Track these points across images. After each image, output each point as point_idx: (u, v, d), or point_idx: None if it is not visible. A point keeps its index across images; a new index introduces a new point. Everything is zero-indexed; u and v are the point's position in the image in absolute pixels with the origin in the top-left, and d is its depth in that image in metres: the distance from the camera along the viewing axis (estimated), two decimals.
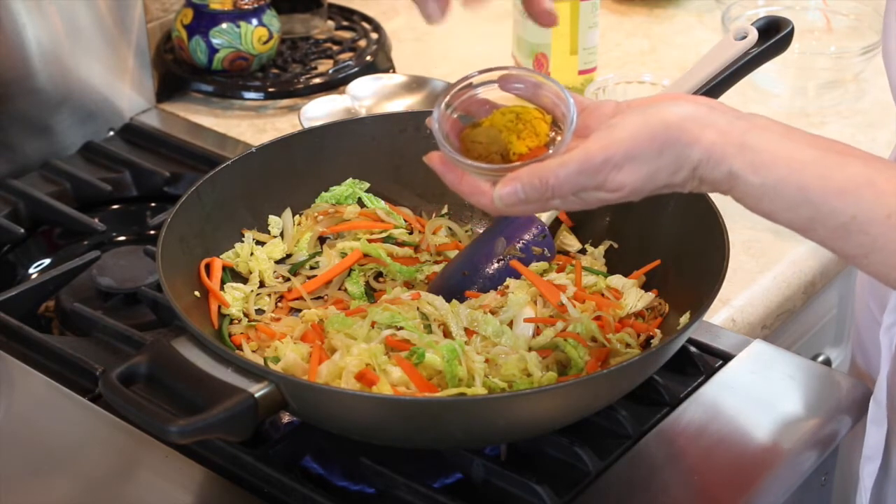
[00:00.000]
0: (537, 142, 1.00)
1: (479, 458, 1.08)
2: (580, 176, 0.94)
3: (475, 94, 1.04)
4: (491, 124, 1.01)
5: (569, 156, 0.94)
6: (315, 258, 1.27)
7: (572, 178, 0.94)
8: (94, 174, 1.57)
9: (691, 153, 0.93)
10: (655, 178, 0.94)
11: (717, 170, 0.93)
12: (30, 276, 1.47)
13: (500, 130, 1.00)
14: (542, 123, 1.01)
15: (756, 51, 1.20)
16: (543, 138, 1.00)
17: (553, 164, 0.94)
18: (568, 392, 1.02)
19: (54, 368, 1.23)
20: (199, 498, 1.09)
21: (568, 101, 0.99)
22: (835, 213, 0.92)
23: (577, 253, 1.28)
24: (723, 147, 0.93)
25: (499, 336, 1.13)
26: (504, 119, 1.01)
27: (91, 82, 1.63)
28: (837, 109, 1.72)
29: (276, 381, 1.00)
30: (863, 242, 0.92)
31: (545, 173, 0.94)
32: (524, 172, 0.95)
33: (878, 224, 0.91)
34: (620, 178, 0.94)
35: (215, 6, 1.71)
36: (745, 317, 1.36)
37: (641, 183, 0.94)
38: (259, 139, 1.64)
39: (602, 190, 0.95)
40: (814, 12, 1.86)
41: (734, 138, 0.93)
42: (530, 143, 0.99)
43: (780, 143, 0.93)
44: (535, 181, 0.94)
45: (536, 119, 1.01)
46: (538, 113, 1.01)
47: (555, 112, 1.01)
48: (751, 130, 0.94)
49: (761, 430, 1.16)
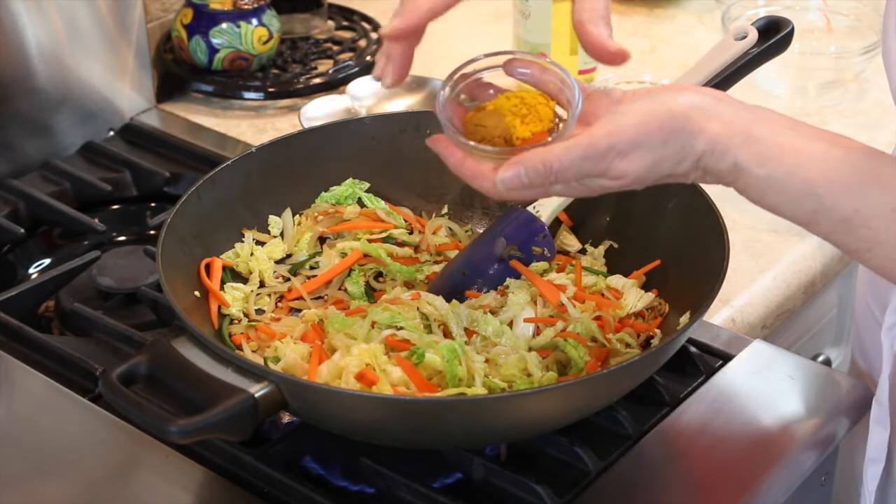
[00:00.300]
0: (541, 126, 0.99)
1: (479, 458, 1.08)
2: (584, 162, 0.93)
3: (480, 78, 1.04)
4: (495, 108, 1.01)
5: (573, 141, 0.94)
6: (315, 258, 1.27)
7: (576, 163, 0.93)
8: (94, 174, 1.57)
9: (696, 143, 0.93)
10: (659, 166, 0.94)
11: (721, 161, 0.93)
12: (30, 276, 1.47)
13: (504, 114, 1.00)
14: (547, 108, 1.00)
15: (756, 51, 1.20)
16: (547, 123, 1.00)
17: (557, 149, 0.94)
18: (568, 392, 1.02)
19: (54, 368, 1.23)
20: (199, 498, 1.09)
21: (573, 86, 0.99)
22: (839, 207, 0.92)
23: (577, 253, 1.28)
24: (728, 138, 0.93)
25: (499, 336, 1.13)
26: (508, 103, 1.01)
27: (91, 82, 1.63)
28: (837, 109, 1.72)
29: (276, 381, 1.00)
30: (865, 237, 0.92)
31: (549, 157, 0.94)
32: (527, 156, 0.94)
33: (882, 218, 0.91)
34: (624, 166, 0.94)
35: (215, 6, 1.71)
36: (745, 317, 1.36)
37: (645, 171, 0.94)
38: (259, 139, 1.64)
39: (605, 177, 0.94)
40: (814, 12, 1.86)
41: (739, 129, 0.93)
42: (534, 128, 0.99)
43: (785, 136, 0.93)
44: (539, 165, 0.94)
45: (541, 104, 1.00)
46: (543, 98, 1.01)
47: (559, 97, 1.01)
48: (756, 122, 0.94)
49: (761, 430, 1.16)
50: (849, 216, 0.92)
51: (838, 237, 0.94)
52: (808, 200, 0.92)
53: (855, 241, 0.93)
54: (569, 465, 1.10)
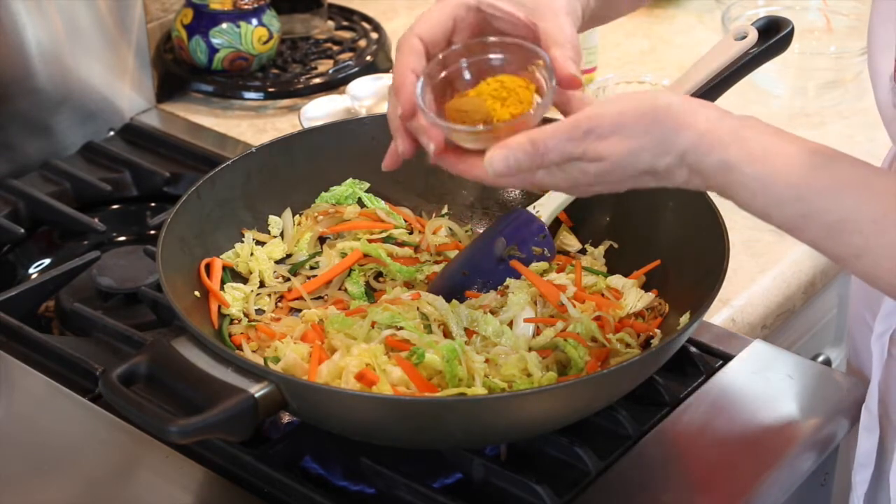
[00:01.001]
0: (521, 109, 1.00)
1: (479, 458, 1.08)
2: (568, 143, 0.94)
3: (459, 67, 1.04)
4: (476, 93, 1.01)
5: (558, 123, 0.95)
6: (315, 258, 1.27)
7: (561, 144, 0.94)
8: (94, 174, 1.57)
9: (678, 138, 0.93)
10: (639, 156, 0.94)
11: (709, 156, 0.93)
12: (30, 276, 1.47)
13: (485, 99, 1.00)
14: (527, 91, 1.01)
15: (756, 51, 1.20)
16: (528, 105, 1.00)
17: (546, 130, 0.95)
18: (568, 392, 1.02)
19: (54, 368, 1.23)
20: (199, 498, 1.09)
21: (551, 69, 1.00)
22: (828, 211, 0.91)
23: (577, 253, 1.28)
24: (716, 135, 0.93)
25: (499, 336, 1.13)
26: (489, 88, 1.01)
27: (91, 82, 1.63)
28: (837, 109, 1.72)
29: (276, 381, 1.00)
30: (855, 243, 0.92)
31: (537, 137, 0.95)
32: (515, 139, 0.95)
33: (871, 224, 0.91)
34: (602, 148, 0.94)
35: (215, 6, 1.71)
36: (745, 317, 1.36)
37: (623, 157, 0.94)
38: (259, 139, 1.64)
39: (584, 159, 0.95)
40: (814, 12, 1.85)
41: (728, 129, 0.93)
42: (514, 111, 0.99)
43: (772, 139, 0.94)
44: (527, 145, 0.95)
45: (521, 87, 1.01)
46: (523, 81, 1.01)
47: (539, 82, 1.01)
48: (744, 126, 0.94)
49: (761, 430, 1.16)
50: (839, 220, 0.91)
51: (826, 243, 0.93)
52: (798, 204, 0.92)
53: (843, 248, 0.93)
54: (569, 465, 1.10)
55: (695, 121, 0.93)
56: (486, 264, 1.22)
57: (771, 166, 0.92)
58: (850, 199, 0.91)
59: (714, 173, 0.94)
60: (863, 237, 0.91)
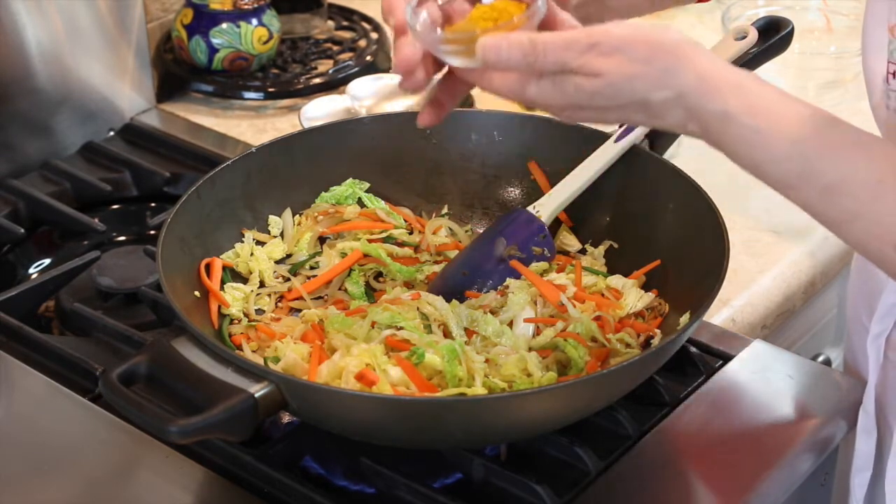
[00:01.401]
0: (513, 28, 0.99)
1: (479, 458, 1.08)
2: (566, 51, 0.92)
3: None
4: (469, 19, 1.01)
5: (562, 31, 0.94)
6: (315, 258, 1.27)
7: (559, 51, 0.93)
8: (94, 174, 1.57)
9: (680, 73, 0.92)
10: (635, 83, 0.93)
11: (711, 103, 0.92)
12: (30, 276, 1.47)
13: (476, 21, 1.00)
14: (518, 11, 1.00)
15: (756, 51, 1.20)
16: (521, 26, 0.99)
17: (548, 34, 0.93)
18: (568, 392, 1.02)
19: (54, 368, 1.23)
20: (199, 498, 1.09)
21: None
22: (825, 172, 0.91)
23: (577, 253, 1.28)
24: (718, 81, 0.92)
25: (499, 336, 1.13)
26: (480, 12, 1.01)
27: (91, 82, 1.63)
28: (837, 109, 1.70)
29: (276, 381, 1.00)
30: (849, 208, 0.91)
31: (536, 38, 0.93)
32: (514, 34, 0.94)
33: (868, 188, 0.90)
34: (600, 64, 0.92)
35: (215, 6, 1.71)
36: (745, 317, 1.36)
37: (620, 79, 0.92)
38: (259, 139, 1.64)
39: (580, 73, 0.93)
40: (814, 12, 1.86)
41: (731, 77, 0.92)
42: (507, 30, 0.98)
43: (776, 95, 0.93)
44: (526, 43, 0.93)
45: (512, 6, 1.00)
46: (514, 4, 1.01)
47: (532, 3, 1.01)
48: (747, 78, 0.93)
49: (761, 430, 1.16)
50: (834, 183, 0.90)
51: (820, 207, 0.92)
52: (795, 161, 0.91)
53: (837, 212, 0.91)
54: (569, 465, 1.10)
55: (699, 62, 0.92)
56: (486, 264, 1.22)
57: (774, 121, 0.91)
58: (847, 162, 0.90)
59: (712, 121, 0.92)
60: (857, 201, 0.90)
